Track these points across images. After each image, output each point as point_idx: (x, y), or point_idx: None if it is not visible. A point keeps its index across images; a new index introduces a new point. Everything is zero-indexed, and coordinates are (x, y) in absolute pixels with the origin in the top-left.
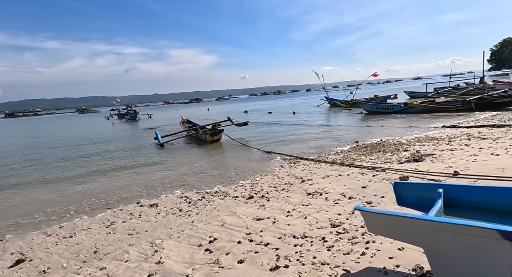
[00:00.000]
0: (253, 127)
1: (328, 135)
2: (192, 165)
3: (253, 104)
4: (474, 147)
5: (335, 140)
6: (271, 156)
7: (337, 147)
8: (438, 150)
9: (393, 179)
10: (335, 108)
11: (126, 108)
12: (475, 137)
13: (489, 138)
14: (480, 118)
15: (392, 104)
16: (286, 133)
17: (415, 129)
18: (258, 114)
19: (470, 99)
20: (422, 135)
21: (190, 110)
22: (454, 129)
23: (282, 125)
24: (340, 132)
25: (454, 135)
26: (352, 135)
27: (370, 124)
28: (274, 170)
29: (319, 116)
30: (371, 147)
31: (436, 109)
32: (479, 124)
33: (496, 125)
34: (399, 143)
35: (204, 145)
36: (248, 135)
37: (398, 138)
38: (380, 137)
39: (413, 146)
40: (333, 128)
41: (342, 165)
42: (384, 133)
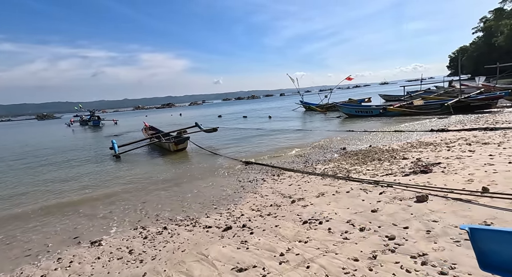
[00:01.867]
0: (227, 133)
1: (310, 142)
2: (152, 181)
3: (228, 109)
4: (482, 154)
5: (320, 147)
6: (249, 167)
7: (324, 155)
8: (441, 158)
9: (412, 199)
10: (310, 112)
11: (90, 114)
12: (474, 141)
13: (492, 143)
14: (464, 121)
15: (371, 107)
16: (264, 139)
17: (402, 133)
18: (233, 118)
19: (448, 103)
20: (413, 140)
21: (161, 115)
22: (445, 133)
23: (258, 130)
24: (322, 138)
25: (449, 140)
26: (337, 141)
27: (352, 128)
28: (255, 186)
29: (296, 121)
30: (363, 155)
31: (415, 113)
32: (467, 127)
33: (489, 128)
34: (393, 150)
35: (168, 155)
36: (221, 142)
37: (389, 144)
38: (367, 143)
39: (410, 153)
40: (314, 134)
41: (336, 178)
42: (371, 139)
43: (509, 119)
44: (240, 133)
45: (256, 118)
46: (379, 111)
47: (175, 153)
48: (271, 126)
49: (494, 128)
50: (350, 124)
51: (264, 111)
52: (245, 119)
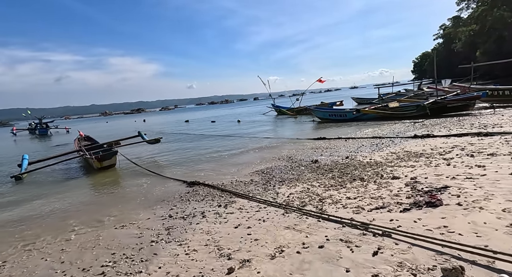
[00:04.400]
0: (184, 141)
1: (277, 152)
2: (31, 223)
3: (199, 113)
4: (499, 171)
5: (287, 159)
6: (194, 190)
7: (291, 171)
8: (445, 177)
9: (433, 271)
10: (281, 116)
11: (39, 121)
12: (475, 152)
13: (500, 154)
14: (447, 124)
15: (345, 111)
16: (224, 148)
17: (382, 140)
18: (200, 123)
19: (424, 103)
20: (397, 149)
21: (124, 121)
22: (431, 139)
23: (221, 137)
24: (292, 146)
25: (441, 148)
26: (308, 151)
27: (325, 135)
28: (186, 229)
29: (265, 125)
30: (340, 171)
31: (390, 115)
32: (454, 132)
33: (483, 133)
34: (376, 163)
35: (93, 174)
36: (173, 152)
37: (369, 154)
38: (344, 153)
39: (399, 168)
40: (282, 141)
41: (304, 213)
42: (348, 147)
43: (497, 122)
44: (198, 142)
45: (225, 122)
46: (353, 114)
47: (101, 171)
48: (237, 131)
49: (489, 133)
50: (323, 130)
51: (235, 116)
52: (213, 124)
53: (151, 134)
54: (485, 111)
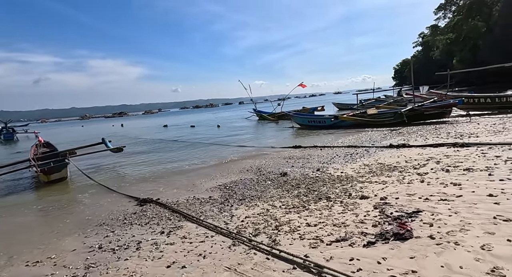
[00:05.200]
0: (154, 149)
1: (246, 162)
2: None
3: (181, 118)
4: (476, 192)
5: (256, 171)
6: (143, 211)
7: (255, 186)
8: (417, 198)
9: None
10: (263, 121)
11: (5, 125)
12: (450, 165)
13: (476, 169)
14: (424, 132)
15: (324, 117)
16: (192, 158)
17: (358, 149)
18: (179, 128)
19: (401, 111)
20: (371, 161)
21: (102, 125)
22: (407, 150)
23: (195, 144)
24: (264, 156)
25: (415, 161)
26: (279, 161)
27: (302, 142)
28: (109, 269)
29: (243, 131)
30: (307, 187)
31: (367, 122)
32: (430, 141)
33: (459, 144)
34: (347, 178)
35: (41, 188)
36: (137, 163)
37: (342, 167)
38: (316, 164)
39: (370, 184)
40: (256, 150)
41: (253, 247)
42: (321, 157)
43: (473, 130)
44: (169, 150)
45: (204, 127)
46: (331, 121)
47: (49, 184)
48: (214, 138)
49: (464, 144)
50: (300, 137)
51: (217, 120)
52: (192, 129)
53: (123, 141)
54: (461, 119)
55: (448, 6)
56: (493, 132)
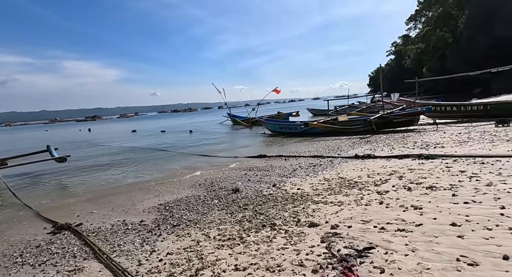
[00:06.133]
0: (113, 157)
1: (201, 175)
2: None
3: (155, 122)
4: (438, 218)
5: (208, 186)
6: (50, 242)
7: (200, 206)
8: (373, 227)
9: None
10: (237, 126)
11: None
12: (413, 182)
13: (440, 188)
14: (391, 141)
15: (295, 124)
16: (147, 168)
17: (323, 160)
18: (148, 134)
19: (370, 118)
20: (333, 174)
21: (69, 130)
22: (371, 161)
23: (158, 152)
24: (223, 167)
25: (378, 175)
26: (237, 173)
27: (269, 151)
28: None
29: (214, 137)
30: (255, 208)
31: (337, 130)
32: (396, 152)
33: (423, 155)
34: (301, 196)
35: None
36: (81, 175)
37: (300, 181)
38: (275, 178)
39: (324, 205)
40: (218, 160)
41: None
42: (283, 169)
43: (439, 140)
44: (125, 159)
45: (176, 132)
46: (301, 128)
47: None
48: (181, 144)
49: (429, 156)
50: (269, 145)
51: (191, 125)
52: (162, 134)
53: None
54: (429, 127)
55: (418, 17)
56: (458, 142)
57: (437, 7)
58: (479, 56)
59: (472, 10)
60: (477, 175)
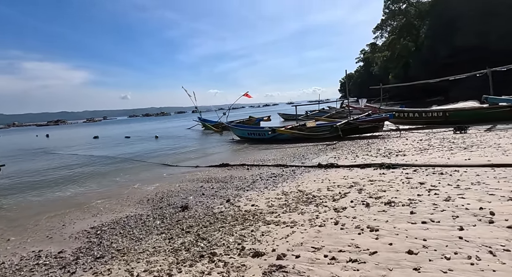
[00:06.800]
0: (60, 166)
1: (153, 189)
2: None
3: (122, 127)
4: (394, 242)
5: (156, 201)
6: None
7: (136, 229)
8: (320, 255)
9: None
10: (207, 131)
11: None
12: (372, 195)
13: (398, 202)
14: (355, 149)
15: (263, 130)
16: (94, 180)
17: (285, 169)
18: (111, 140)
19: (337, 125)
20: (292, 187)
21: (23, 136)
22: (334, 171)
23: (115, 160)
24: (180, 178)
25: (338, 187)
26: (195, 184)
27: (235, 159)
28: None
29: (182, 143)
30: (198, 231)
31: (304, 136)
32: (359, 160)
33: (385, 164)
34: (253, 215)
35: None
36: (15, 188)
37: (257, 196)
38: (231, 191)
39: (276, 226)
40: (175, 170)
41: None
42: (242, 181)
43: (401, 147)
44: (74, 167)
45: (141, 138)
46: (268, 134)
47: None
48: (142, 152)
49: (390, 165)
50: (233, 152)
51: (160, 130)
52: (126, 140)
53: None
54: (393, 134)
55: (384, 27)
56: (419, 149)
57: (401, 17)
58: (439, 64)
59: (432, 21)
60: (436, 188)
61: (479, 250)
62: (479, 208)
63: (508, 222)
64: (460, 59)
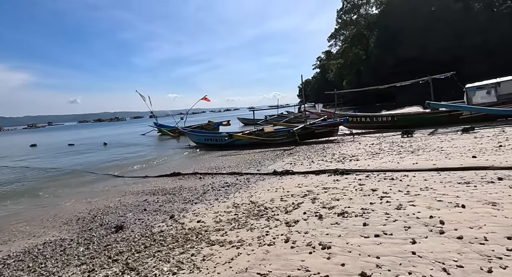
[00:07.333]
0: None
1: (87, 204)
2: None
3: (70, 134)
4: (346, 263)
5: (87, 220)
6: None
7: (52, 258)
8: None
9: None
10: (164, 137)
11: None
12: (326, 205)
13: (351, 213)
14: (311, 154)
15: (220, 135)
16: (16, 198)
17: (240, 177)
18: (51, 148)
19: (293, 129)
20: (244, 197)
21: None
22: (289, 179)
23: (48, 173)
24: (123, 190)
25: (292, 197)
26: (138, 198)
27: (184, 168)
28: None
29: (133, 150)
30: (128, 259)
31: (261, 141)
32: (314, 166)
33: (339, 171)
34: (198, 233)
35: None
36: None
37: (205, 209)
38: (178, 205)
39: (220, 247)
40: (120, 181)
41: None
42: (192, 192)
43: (354, 152)
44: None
45: (88, 146)
46: (225, 139)
47: None
48: (87, 161)
49: (344, 171)
50: (188, 160)
51: (112, 136)
52: (70, 148)
53: None
54: (347, 138)
55: (337, 36)
56: (371, 153)
57: (352, 28)
58: (387, 72)
59: (379, 33)
60: (388, 194)
61: (433, 267)
62: (429, 216)
63: (457, 232)
64: (404, 68)
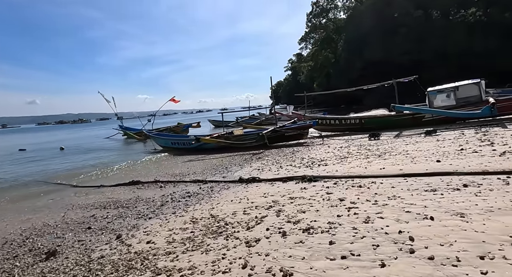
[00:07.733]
0: None
1: (21, 223)
2: None
3: (25, 137)
4: None
5: (16, 244)
6: None
7: None
8: None
9: None
10: (130, 140)
11: None
12: (290, 218)
13: (317, 228)
14: (280, 158)
15: (188, 139)
16: None
17: (204, 186)
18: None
19: (263, 133)
20: (205, 210)
21: None
22: (255, 187)
23: None
24: (71, 203)
25: (255, 208)
26: (85, 213)
27: (145, 176)
28: None
29: (93, 155)
30: None
31: (230, 145)
32: (282, 172)
33: (307, 177)
34: (144, 259)
35: None
36: None
37: (159, 226)
38: (129, 221)
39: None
40: (72, 191)
41: None
42: (149, 204)
43: (323, 156)
44: None
45: (42, 151)
46: (192, 143)
47: None
48: (37, 169)
49: (312, 178)
50: (152, 165)
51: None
52: (21, 153)
53: None
54: (316, 141)
55: (308, 39)
56: (340, 157)
57: (322, 31)
58: (355, 75)
59: (348, 36)
60: (355, 205)
61: None
62: (398, 231)
63: (428, 250)
64: (371, 71)
